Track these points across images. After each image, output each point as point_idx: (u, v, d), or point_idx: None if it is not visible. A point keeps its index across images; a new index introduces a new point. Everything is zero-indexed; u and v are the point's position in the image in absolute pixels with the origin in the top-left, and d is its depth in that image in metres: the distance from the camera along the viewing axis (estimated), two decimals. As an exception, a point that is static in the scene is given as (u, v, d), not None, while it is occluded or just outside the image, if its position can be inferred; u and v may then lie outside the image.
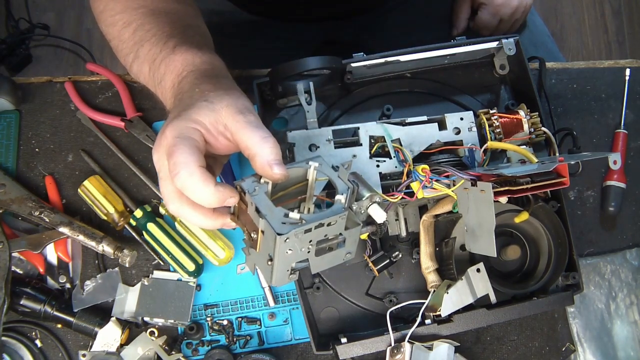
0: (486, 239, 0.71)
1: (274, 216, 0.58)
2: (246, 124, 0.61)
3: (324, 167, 0.64)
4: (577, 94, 0.92)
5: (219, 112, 0.62)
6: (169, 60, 0.70)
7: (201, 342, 0.82)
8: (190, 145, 0.60)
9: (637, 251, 0.87)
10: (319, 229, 0.59)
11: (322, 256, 0.62)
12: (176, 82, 0.69)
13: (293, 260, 0.60)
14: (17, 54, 1.76)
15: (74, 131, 0.88)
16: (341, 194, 0.62)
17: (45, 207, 0.82)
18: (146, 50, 0.73)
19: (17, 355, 0.81)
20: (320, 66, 0.80)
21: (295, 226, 0.57)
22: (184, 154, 0.59)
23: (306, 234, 0.58)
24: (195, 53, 0.70)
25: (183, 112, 0.62)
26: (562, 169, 0.73)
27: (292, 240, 0.57)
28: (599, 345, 0.84)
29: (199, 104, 0.63)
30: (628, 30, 2.07)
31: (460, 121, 0.79)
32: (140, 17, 0.76)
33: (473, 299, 0.76)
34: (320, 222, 0.59)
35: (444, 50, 0.83)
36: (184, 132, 0.61)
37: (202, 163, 0.60)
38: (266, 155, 0.60)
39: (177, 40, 0.72)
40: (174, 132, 0.61)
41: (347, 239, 0.62)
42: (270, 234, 0.58)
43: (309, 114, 0.80)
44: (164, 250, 0.81)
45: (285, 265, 0.60)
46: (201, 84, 0.66)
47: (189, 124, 0.61)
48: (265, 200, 0.60)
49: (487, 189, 0.69)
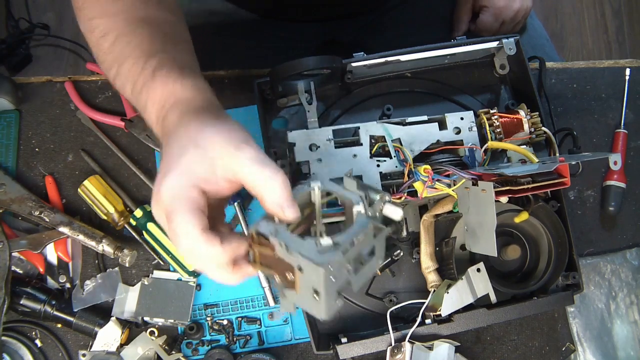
0: (487, 239, 0.71)
1: (307, 249, 0.54)
2: (247, 161, 0.56)
3: (327, 185, 0.61)
4: (577, 94, 0.92)
5: (212, 158, 0.57)
6: (149, 88, 0.64)
7: (201, 342, 0.82)
8: (189, 209, 0.55)
9: (637, 251, 0.87)
10: (354, 246, 0.56)
11: (360, 272, 0.59)
12: (160, 116, 0.63)
13: (338, 285, 0.56)
14: (17, 53, 1.76)
15: (74, 131, 0.88)
16: (358, 204, 0.59)
17: (45, 207, 0.82)
18: (126, 69, 0.67)
19: (17, 355, 0.81)
20: (320, 66, 0.80)
21: (333, 252, 0.54)
22: (182, 221, 0.55)
23: (344, 256, 0.55)
24: (176, 79, 0.64)
25: (174, 165, 0.57)
26: (562, 169, 0.73)
27: (334, 266, 0.54)
28: (599, 345, 0.84)
29: (189, 153, 0.57)
30: (628, 30, 2.07)
31: (460, 121, 0.79)
32: (119, 27, 0.70)
33: (473, 298, 0.76)
34: (354, 239, 0.56)
35: (444, 50, 0.83)
36: (179, 193, 0.56)
37: (203, 225, 0.56)
38: (276, 196, 0.56)
39: (156, 62, 0.65)
40: (170, 193, 0.56)
41: (376, 246, 0.59)
42: (312, 268, 0.54)
43: (309, 114, 0.80)
44: (164, 250, 0.81)
45: (332, 294, 0.56)
46: (187, 123, 0.60)
47: (183, 181, 0.56)
48: (290, 236, 0.56)
49: (488, 188, 0.70)
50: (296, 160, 0.76)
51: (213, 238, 0.56)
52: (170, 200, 0.56)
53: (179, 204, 0.56)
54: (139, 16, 0.71)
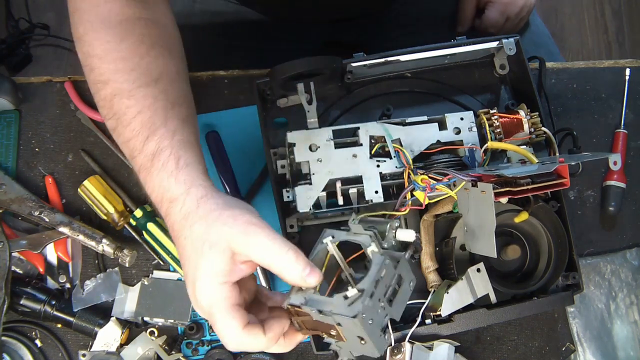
0: (486, 240, 0.71)
1: (338, 307, 0.59)
2: (257, 247, 0.59)
3: (338, 235, 0.65)
4: (577, 94, 0.92)
5: (226, 250, 0.59)
6: (147, 173, 0.65)
7: (201, 342, 0.82)
8: (227, 310, 0.59)
9: (637, 251, 0.87)
10: (379, 285, 0.60)
11: (395, 301, 0.62)
12: (162, 208, 0.65)
13: (379, 324, 0.60)
14: (17, 53, 1.76)
15: (74, 131, 0.88)
16: (370, 245, 0.62)
17: (45, 207, 0.82)
18: (125, 138, 0.67)
19: (17, 355, 0.81)
20: (320, 66, 0.80)
21: (360, 300, 0.58)
22: (225, 324, 0.59)
23: (372, 297, 0.59)
24: (171, 174, 0.64)
25: (198, 270, 0.60)
26: (562, 170, 0.73)
27: (367, 311, 0.58)
28: (599, 345, 0.84)
29: (205, 255, 0.60)
30: (628, 30, 2.07)
31: (460, 121, 0.79)
32: (119, 82, 0.68)
33: (473, 298, 0.76)
34: (375, 280, 0.60)
35: (444, 50, 0.83)
36: (213, 296, 0.59)
37: (244, 322, 0.59)
38: (297, 270, 0.59)
39: (155, 147, 0.65)
40: (206, 300, 0.60)
41: (401, 274, 0.62)
42: (348, 321, 0.58)
43: (309, 114, 0.80)
44: (164, 250, 0.81)
45: (376, 333, 0.60)
46: (192, 225, 0.61)
47: (213, 284, 0.59)
48: (319, 300, 0.60)
49: (487, 189, 0.69)
50: (296, 160, 0.76)
51: (256, 332, 0.60)
52: (208, 306, 0.60)
53: (216, 308, 0.59)
54: (141, 65, 0.68)
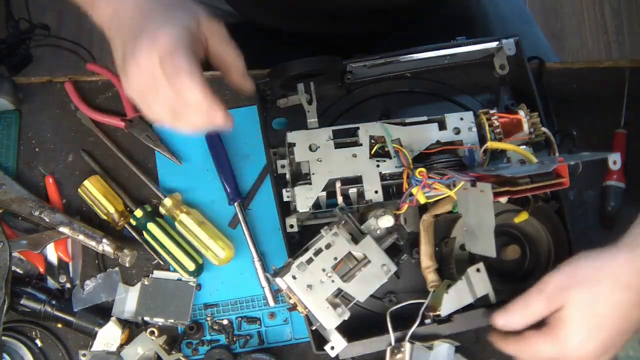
0: (486, 240, 0.71)
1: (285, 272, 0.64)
2: (223, 36, 0.66)
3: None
4: (576, 94, 0.92)
5: (197, 17, 0.64)
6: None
7: (201, 342, 0.82)
8: (188, 47, 0.61)
9: (637, 251, 0.87)
10: (319, 254, 0.61)
11: (356, 280, 0.62)
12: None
13: (323, 295, 0.61)
14: (17, 54, 1.75)
15: (74, 131, 0.88)
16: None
17: (45, 207, 0.82)
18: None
19: (17, 355, 0.81)
20: (320, 66, 0.80)
21: (287, 269, 0.62)
22: (184, 57, 0.61)
23: (309, 264, 0.60)
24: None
25: (168, 20, 0.63)
26: (561, 170, 0.73)
27: (299, 276, 0.60)
28: (599, 345, 0.83)
29: (178, 12, 0.64)
30: (628, 30, 2.07)
31: (460, 121, 0.79)
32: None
33: (473, 298, 0.76)
34: (305, 247, 0.63)
35: (444, 50, 0.83)
36: (179, 36, 0.61)
37: (196, 64, 0.62)
38: (243, 68, 0.67)
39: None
40: (169, 37, 0.61)
41: (367, 254, 0.62)
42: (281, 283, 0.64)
43: (309, 114, 0.80)
44: (164, 250, 0.81)
45: (318, 303, 0.61)
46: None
47: (180, 29, 0.62)
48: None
49: (486, 189, 0.69)
50: (296, 160, 0.76)
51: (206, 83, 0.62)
52: (170, 42, 0.61)
53: (180, 44, 0.61)
54: None
